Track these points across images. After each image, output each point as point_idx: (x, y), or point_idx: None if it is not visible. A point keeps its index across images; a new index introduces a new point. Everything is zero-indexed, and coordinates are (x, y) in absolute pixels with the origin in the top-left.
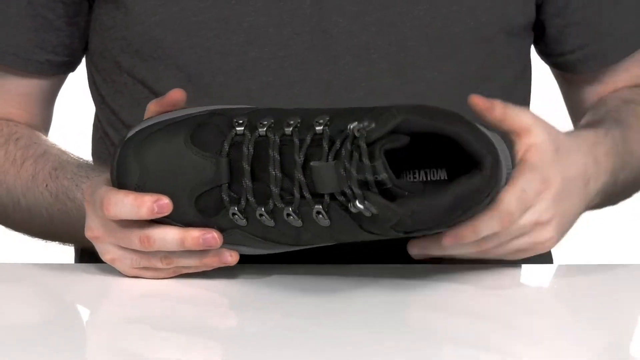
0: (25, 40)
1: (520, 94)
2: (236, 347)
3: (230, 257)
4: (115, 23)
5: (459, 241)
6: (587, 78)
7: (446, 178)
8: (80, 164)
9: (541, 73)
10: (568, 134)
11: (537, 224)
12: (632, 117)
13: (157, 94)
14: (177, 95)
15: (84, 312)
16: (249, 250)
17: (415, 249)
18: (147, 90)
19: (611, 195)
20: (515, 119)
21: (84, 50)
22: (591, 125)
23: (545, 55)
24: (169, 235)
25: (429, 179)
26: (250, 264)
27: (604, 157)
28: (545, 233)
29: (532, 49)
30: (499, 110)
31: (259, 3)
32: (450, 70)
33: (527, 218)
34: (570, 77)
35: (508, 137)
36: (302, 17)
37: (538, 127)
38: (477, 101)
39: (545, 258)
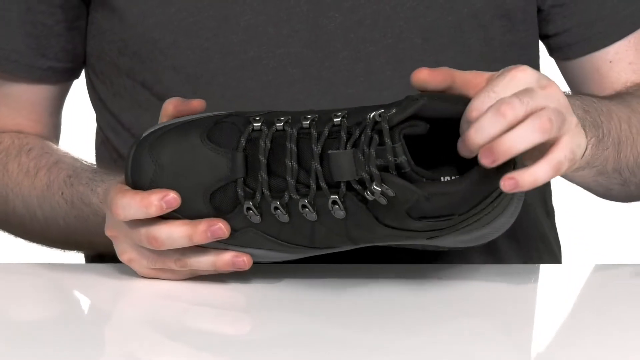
0: (25, 47)
1: None
2: (247, 349)
3: (243, 262)
4: (112, 26)
5: (481, 106)
6: (585, 76)
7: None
8: (95, 170)
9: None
10: None
11: (538, 89)
12: (636, 102)
13: (157, 95)
14: (198, 105)
15: (96, 314)
16: (261, 254)
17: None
18: (148, 91)
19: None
20: (467, 75)
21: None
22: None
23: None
24: (176, 233)
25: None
26: (262, 264)
27: (606, 115)
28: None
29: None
30: (445, 72)
31: (255, 2)
32: (447, 59)
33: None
34: (569, 72)
35: (469, 98)
36: (299, 14)
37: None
38: (420, 74)
39: (553, 258)
